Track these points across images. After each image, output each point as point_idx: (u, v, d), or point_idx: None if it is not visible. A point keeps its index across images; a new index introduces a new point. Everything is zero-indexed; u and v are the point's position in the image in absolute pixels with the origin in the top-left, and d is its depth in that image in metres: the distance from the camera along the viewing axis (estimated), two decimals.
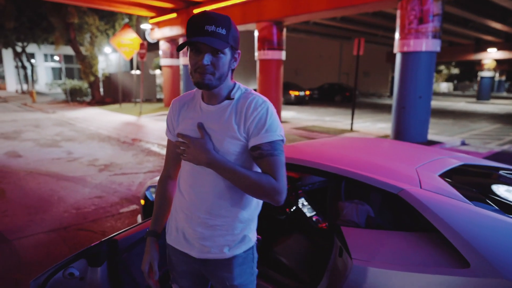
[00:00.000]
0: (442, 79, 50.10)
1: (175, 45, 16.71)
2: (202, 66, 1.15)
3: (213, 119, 1.24)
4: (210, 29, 1.12)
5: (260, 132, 1.19)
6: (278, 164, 1.19)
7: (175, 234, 1.35)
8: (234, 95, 1.25)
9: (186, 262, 1.35)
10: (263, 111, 1.20)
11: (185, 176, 1.31)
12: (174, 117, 1.33)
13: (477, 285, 1.27)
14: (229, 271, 1.30)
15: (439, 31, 8.02)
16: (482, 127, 12.43)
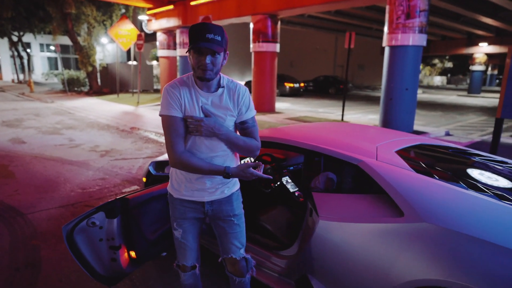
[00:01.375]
0: (436, 73, 50.56)
1: (172, 36, 16.93)
2: (204, 64, 1.56)
3: (216, 103, 1.69)
4: (210, 37, 1.53)
5: (246, 111, 1.76)
6: (257, 131, 1.82)
7: (186, 190, 1.78)
8: (223, 83, 1.72)
9: (194, 208, 1.81)
10: (247, 95, 1.76)
11: (191, 146, 1.70)
12: (180, 98, 1.65)
13: (408, 228, 1.68)
14: (230, 204, 1.85)
15: (426, 26, 8.39)
16: (468, 119, 12.89)
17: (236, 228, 1.88)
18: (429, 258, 1.56)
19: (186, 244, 1.87)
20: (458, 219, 1.61)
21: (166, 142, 1.67)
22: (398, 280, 1.61)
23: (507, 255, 1.40)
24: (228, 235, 1.87)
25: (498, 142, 5.80)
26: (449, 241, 1.55)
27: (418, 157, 2.35)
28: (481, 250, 1.46)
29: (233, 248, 1.88)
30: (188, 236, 1.86)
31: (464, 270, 1.45)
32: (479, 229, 1.53)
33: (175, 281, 2.68)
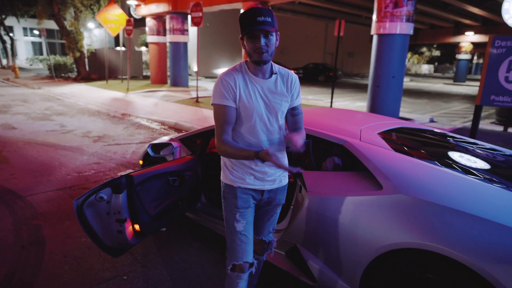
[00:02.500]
0: (424, 61, 51.14)
1: (161, 22, 16.76)
2: (260, 47, 1.57)
3: (272, 90, 1.73)
4: (261, 19, 1.54)
5: (297, 97, 1.83)
6: (303, 118, 1.89)
7: (247, 179, 1.77)
8: (275, 70, 1.75)
9: (255, 195, 1.81)
10: (297, 82, 1.83)
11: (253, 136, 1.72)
12: (235, 87, 1.66)
13: (386, 199, 1.89)
14: (283, 194, 1.93)
15: (413, 15, 8.58)
16: (452, 107, 13.27)
17: (276, 215, 1.97)
18: (405, 224, 1.77)
19: (248, 238, 1.80)
20: (431, 191, 1.82)
21: (215, 130, 1.69)
22: (378, 244, 1.83)
23: (472, 220, 1.62)
24: (267, 222, 1.95)
25: (476, 128, 6.10)
26: (422, 210, 1.76)
27: (398, 138, 2.56)
28: (450, 217, 1.67)
29: (266, 232, 1.98)
30: (250, 227, 1.82)
31: (435, 234, 1.67)
32: (448, 199, 1.74)
33: (175, 255, 2.87)
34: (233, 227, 1.79)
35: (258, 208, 1.92)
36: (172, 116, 8.96)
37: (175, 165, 2.65)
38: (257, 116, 1.70)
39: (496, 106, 5.76)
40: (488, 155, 2.52)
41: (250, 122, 1.70)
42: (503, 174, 2.21)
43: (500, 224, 1.56)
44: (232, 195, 1.80)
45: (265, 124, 1.72)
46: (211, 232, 3.18)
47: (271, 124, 1.74)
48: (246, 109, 1.68)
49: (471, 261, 1.52)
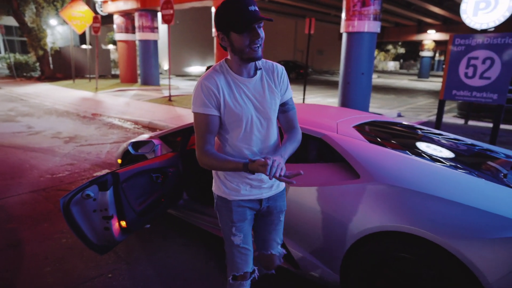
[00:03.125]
0: (390, 58, 53.01)
1: (130, 19, 16.37)
2: (259, 40, 1.40)
3: (259, 89, 1.54)
4: (253, 9, 1.37)
5: (286, 91, 1.63)
6: (296, 115, 1.68)
7: (243, 190, 1.62)
8: (259, 65, 1.56)
9: (251, 207, 1.68)
10: (285, 73, 1.63)
11: (243, 140, 1.54)
12: (218, 92, 1.47)
13: (362, 187, 2.02)
14: (283, 199, 1.79)
15: (380, 13, 8.92)
16: (418, 102, 13.91)
17: (281, 224, 1.82)
18: (381, 209, 1.91)
19: (248, 249, 1.69)
20: (403, 178, 1.97)
21: (196, 140, 1.53)
22: (357, 229, 1.96)
23: (441, 202, 1.78)
24: (273, 232, 1.78)
25: (441, 121, 6.48)
26: (396, 195, 1.91)
27: (371, 131, 2.72)
28: (422, 200, 1.83)
29: (274, 244, 1.80)
30: (248, 239, 1.70)
31: (408, 217, 1.81)
32: (419, 185, 1.90)
33: (159, 251, 2.89)
34: (231, 241, 1.68)
35: (259, 218, 1.78)
36: (145, 115, 8.83)
37: (158, 162, 2.68)
38: (247, 121, 1.52)
39: (457, 100, 6.14)
40: (452, 145, 2.73)
41: (240, 128, 1.53)
42: (466, 161, 2.41)
43: (464, 205, 1.73)
44: (227, 209, 1.66)
45: (258, 128, 1.55)
46: (194, 228, 3.23)
47: (264, 127, 1.57)
48: (233, 115, 1.50)
49: (441, 239, 1.68)
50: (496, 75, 5.60)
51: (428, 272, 1.78)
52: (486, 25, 5.85)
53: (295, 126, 1.68)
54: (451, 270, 1.69)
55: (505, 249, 1.57)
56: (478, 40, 5.68)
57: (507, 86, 5.57)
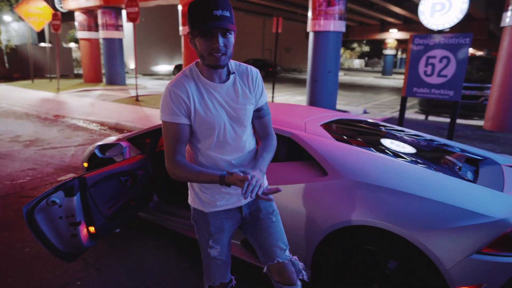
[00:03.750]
0: (355, 56, 54.56)
1: (92, 16, 15.78)
2: (217, 48, 1.29)
3: (231, 95, 1.45)
4: (218, 13, 1.25)
5: (261, 96, 1.54)
6: (271, 120, 1.62)
7: (219, 201, 1.54)
8: (232, 69, 1.48)
9: (231, 217, 1.60)
10: (259, 77, 1.54)
11: (215, 148, 1.47)
12: (188, 100, 1.39)
13: (330, 184, 2.10)
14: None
15: (344, 13, 9.17)
16: (382, 98, 14.45)
17: (276, 226, 1.66)
18: (348, 205, 1.99)
19: (225, 261, 1.64)
20: (368, 174, 2.06)
21: (165, 150, 1.45)
22: (326, 225, 2.03)
23: (403, 196, 1.88)
24: (269, 237, 1.63)
25: (403, 118, 6.77)
26: (362, 191, 1.99)
27: (338, 129, 2.82)
28: (386, 195, 1.92)
29: (277, 251, 1.63)
30: (226, 251, 1.63)
31: (374, 211, 1.91)
32: (383, 180, 1.99)
33: (130, 255, 2.84)
34: (207, 253, 1.61)
35: (247, 227, 1.66)
36: (112, 116, 8.57)
37: (127, 164, 2.63)
38: (220, 129, 1.44)
39: (418, 97, 6.45)
40: (413, 140, 2.88)
41: (212, 137, 1.45)
42: (425, 156, 2.56)
43: (424, 197, 1.84)
44: (203, 221, 1.58)
45: (231, 136, 1.47)
46: (165, 230, 3.19)
47: (238, 135, 1.49)
48: (205, 123, 1.42)
49: (402, 231, 1.78)
50: (452, 73, 5.94)
51: (393, 263, 1.88)
52: (442, 26, 6.18)
53: (270, 132, 1.62)
54: (412, 260, 1.80)
55: (460, 237, 1.69)
56: (435, 40, 5.99)
57: (462, 83, 5.92)
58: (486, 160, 2.62)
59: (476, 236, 1.67)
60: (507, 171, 2.36)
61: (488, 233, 1.66)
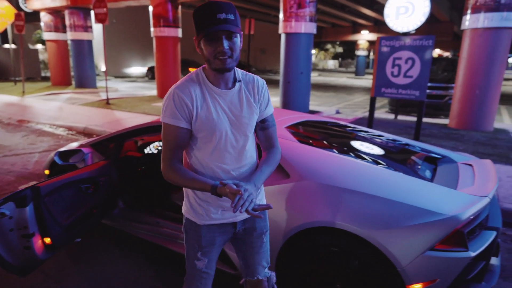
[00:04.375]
0: (329, 57, 55.52)
1: (59, 17, 15.25)
2: (222, 51, 1.29)
3: (235, 103, 1.43)
4: (222, 17, 1.25)
5: (266, 106, 1.52)
6: (276, 132, 1.58)
7: (213, 214, 1.50)
8: (239, 77, 1.46)
9: (224, 232, 1.56)
10: (265, 88, 1.52)
11: (216, 159, 1.43)
12: (191, 104, 1.37)
13: (292, 186, 2.11)
14: (264, 220, 1.64)
15: (315, 15, 9.31)
16: (355, 99, 14.76)
17: (265, 246, 1.67)
18: (310, 207, 2.01)
19: (209, 274, 1.61)
20: (330, 175, 2.08)
21: (162, 152, 1.43)
22: (289, 227, 2.04)
23: (363, 197, 1.91)
24: (256, 255, 1.64)
25: (373, 117, 6.94)
26: (323, 193, 2.01)
27: (303, 131, 2.85)
28: (347, 197, 1.95)
29: (260, 268, 1.66)
30: (212, 264, 1.61)
31: (335, 213, 1.93)
32: (345, 182, 2.02)
33: (94, 265, 2.75)
34: (194, 264, 1.58)
35: (237, 241, 1.64)
36: (81, 120, 8.31)
37: (88, 171, 2.55)
38: (221, 136, 1.41)
39: (386, 97, 6.62)
40: (376, 141, 2.95)
41: (211, 144, 1.42)
42: (386, 156, 2.62)
43: (382, 198, 1.88)
44: (195, 233, 1.55)
45: (232, 144, 1.44)
46: (132, 237, 3.12)
47: (239, 144, 1.45)
48: (205, 128, 1.39)
49: (361, 231, 1.81)
50: (417, 74, 6.14)
51: (353, 262, 1.91)
52: (407, 28, 6.38)
53: (274, 145, 1.57)
54: (372, 259, 1.83)
55: (414, 235, 1.74)
56: (400, 42, 6.18)
57: (426, 83, 6.12)
58: (444, 159, 2.71)
59: (429, 233, 1.73)
60: (462, 169, 2.45)
61: (441, 230, 1.72)
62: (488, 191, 1.96)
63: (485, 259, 1.87)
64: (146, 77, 23.69)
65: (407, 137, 6.70)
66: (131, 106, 10.51)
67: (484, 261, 1.87)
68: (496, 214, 2.12)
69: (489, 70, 7.17)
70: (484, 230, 1.95)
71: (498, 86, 7.34)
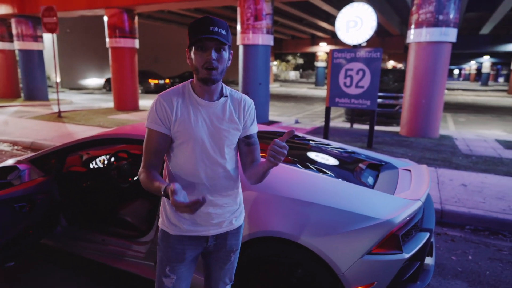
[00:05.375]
0: (291, 68, 56.87)
1: (5, 25, 14.42)
2: (210, 61, 1.34)
3: (217, 115, 1.45)
4: (214, 30, 1.33)
5: (251, 125, 1.54)
6: (259, 150, 1.57)
7: (188, 224, 1.48)
8: (226, 92, 1.50)
9: (195, 245, 1.53)
10: (253, 107, 1.56)
11: (189, 168, 1.45)
12: (171, 111, 1.41)
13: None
14: (237, 238, 1.60)
15: (271, 27, 9.52)
16: (314, 109, 15.16)
17: (232, 263, 1.65)
18: (253, 216, 2.01)
19: None
20: (273, 185, 2.10)
21: (143, 155, 1.47)
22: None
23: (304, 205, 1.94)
24: (220, 271, 1.62)
25: (328, 127, 7.15)
26: (266, 202, 2.02)
27: None
28: (289, 205, 1.97)
29: (221, 284, 1.65)
30: (182, 284, 1.55)
31: (277, 222, 1.94)
32: (287, 191, 2.04)
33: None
34: (161, 281, 1.54)
35: (207, 255, 1.62)
36: (28, 134, 7.83)
37: (22, 189, 2.39)
38: (197, 143, 1.43)
39: (340, 107, 6.86)
40: (323, 150, 3.03)
41: (188, 151, 1.44)
42: (331, 164, 2.69)
43: (322, 205, 1.92)
44: (165, 243, 1.53)
45: (207, 155, 1.45)
46: (74, 258, 2.94)
47: (216, 154, 1.46)
48: (183, 134, 1.42)
49: (303, 239, 1.84)
50: (367, 84, 6.43)
51: (297, 271, 1.93)
52: (357, 41, 6.68)
53: (257, 159, 1.55)
54: (314, 266, 1.86)
55: (352, 241, 1.79)
56: (351, 54, 6.46)
57: (377, 93, 6.44)
58: (387, 165, 2.84)
59: (366, 238, 1.79)
60: (401, 175, 2.57)
61: (377, 234, 1.79)
62: (421, 195, 2.07)
63: (419, 260, 1.96)
64: (104, 88, 22.90)
65: (361, 145, 6.97)
66: (85, 119, 10.08)
67: (419, 261, 1.96)
68: (430, 216, 2.24)
69: (433, 80, 7.68)
70: (418, 231, 2.05)
71: (441, 95, 7.86)
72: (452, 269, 2.91)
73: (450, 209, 3.89)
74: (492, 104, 18.67)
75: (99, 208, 3.10)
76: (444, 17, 7.24)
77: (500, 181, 4.86)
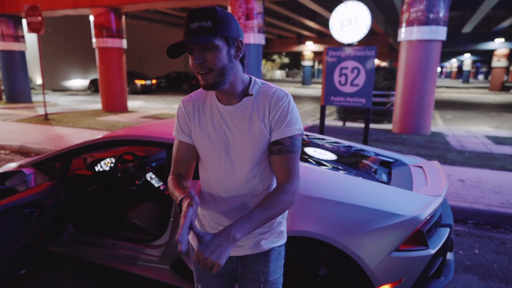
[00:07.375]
0: (276, 67, 57.03)
1: None
2: (195, 66, 1.13)
3: (235, 120, 1.21)
4: (194, 26, 1.08)
5: (281, 126, 1.18)
6: (294, 161, 1.19)
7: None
8: (252, 90, 1.21)
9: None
10: (286, 104, 1.19)
11: (216, 181, 1.27)
12: (190, 117, 1.28)
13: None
14: (265, 264, 1.31)
15: (263, 26, 9.50)
16: (304, 107, 15.23)
17: None
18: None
19: None
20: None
21: None
22: None
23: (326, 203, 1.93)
24: None
25: (323, 125, 7.19)
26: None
27: None
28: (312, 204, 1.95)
29: None
30: None
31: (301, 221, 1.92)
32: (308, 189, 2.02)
33: None
34: None
35: (238, 279, 1.40)
36: (16, 138, 7.59)
37: (31, 194, 2.30)
38: (215, 156, 1.24)
39: (335, 105, 6.90)
40: (333, 148, 3.03)
41: (207, 162, 1.27)
42: (345, 161, 2.70)
43: (345, 203, 1.91)
44: (191, 257, 1.40)
45: (225, 166, 1.24)
46: (83, 264, 2.86)
47: (235, 166, 1.23)
48: (201, 144, 1.26)
49: (329, 237, 1.83)
50: (362, 82, 6.49)
51: (323, 269, 1.91)
52: (351, 40, 6.74)
53: (288, 178, 1.18)
54: (340, 265, 1.85)
55: (380, 238, 1.79)
56: (346, 52, 6.51)
57: (371, 91, 6.50)
58: (396, 162, 2.86)
59: (394, 235, 1.79)
60: (414, 171, 2.60)
61: (404, 231, 1.79)
62: (441, 191, 2.09)
63: (442, 255, 1.98)
64: (89, 90, 22.43)
65: (356, 142, 7.03)
66: (73, 121, 9.84)
67: (441, 256, 1.98)
68: (447, 212, 2.27)
69: (424, 78, 7.82)
70: (439, 227, 2.07)
71: (432, 92, 8.01)
72: (461, 263, 2.95)
73: (452, 204, 3.96)
74: (475, 100, 19.18)
75: (106, 212, 3.02)
76: (434, 16, 7.38)
77: (496, 175, 4.99)
